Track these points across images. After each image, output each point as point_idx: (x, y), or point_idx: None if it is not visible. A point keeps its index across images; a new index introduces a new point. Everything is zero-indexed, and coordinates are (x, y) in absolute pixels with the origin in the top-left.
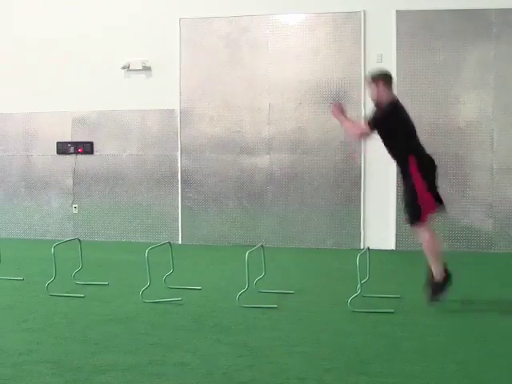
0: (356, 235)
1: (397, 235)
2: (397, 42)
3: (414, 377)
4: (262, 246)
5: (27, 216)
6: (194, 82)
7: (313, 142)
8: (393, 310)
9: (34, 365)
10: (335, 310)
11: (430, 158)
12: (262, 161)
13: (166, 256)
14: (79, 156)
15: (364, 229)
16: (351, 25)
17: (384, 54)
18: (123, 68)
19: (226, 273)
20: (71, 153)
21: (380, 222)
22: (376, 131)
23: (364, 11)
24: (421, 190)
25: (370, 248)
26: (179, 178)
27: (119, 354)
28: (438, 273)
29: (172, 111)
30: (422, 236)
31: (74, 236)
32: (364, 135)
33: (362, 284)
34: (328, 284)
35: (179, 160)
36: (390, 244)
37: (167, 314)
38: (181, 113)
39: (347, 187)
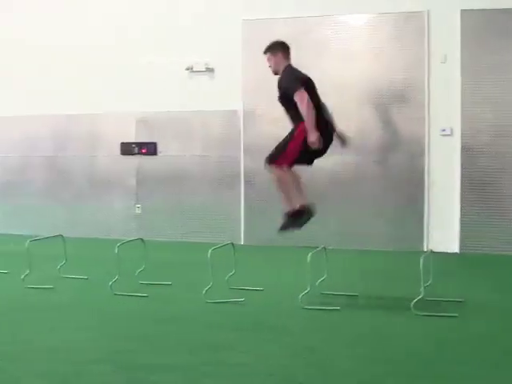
0: (419, 237)
1: (461, 237)
2: (461, 41)
3: (476, 382)
4: (324, 247)
5: (92, 216)
6: (257, 83)
7: (375, 143)
8: (456, 314)
9: (95, 363)
10: (397, 313)
11: (326, 123)
12: (324, 162)
13: (228, 256)
14: (143, 157)
15: (427, 231)
16: (415, 24)
17: (448, 53)
18: (187, 69)
19: (287, 274)
20: (135, 153)
21: (444, 223)
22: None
23: (428, 11)
24: (292, 148)
25: (434, 250)
26: (242, 178)
27: (180, 354)
28: (287, 206)
29: (235, 112)
30: (273, 175)
31: (137, 236)
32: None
33: (425, 287)
34: (390, 287)
35: (242, 161)
36: (454, 247)
37: (229, 315)
38: (244, 114)
39: (410, 188)
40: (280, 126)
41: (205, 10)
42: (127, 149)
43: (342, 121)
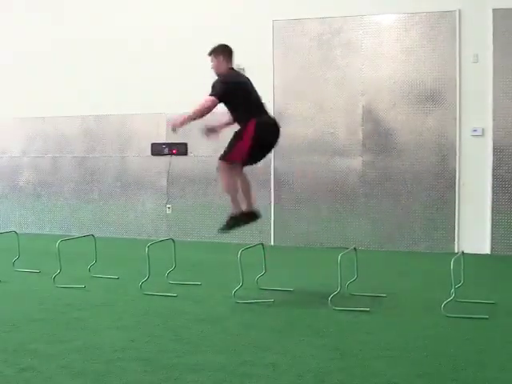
0: (450, 239)
1: (492, 239)
2: (493, 41)
3: None
4: (354, 248)
5: (122, 216)
6: (287, 84)
7: (407, 144)
8: (487, 316)
9: (128, 362)
10: (428, 314)
11: (273, 124)
12: (355, 162)
13: (258, 257)
14: (173, 157)
15: (458, 232)
16: (446, 24)
17: (480, 53)
18: None
19: (317, 275)
20: (165, 154)
21: (475, 225)
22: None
23: (459, 10)
24: (244, 143)
25: (465, 252)
26: (272, 179)
27: (211, 354)
28: (234, 208)
29: None
30: (221, 176)
31: (167, 236)
32: (211, 107)
33: (455, 289)
34: (421, 288)
35: (272, 161)
36: (486, 248)
37: (259, 315)
38: (274, 114)
39: (441, 189)
40: (311, 126)
41: (235, 10)
42: (158, 149)
43: (374, 122)
